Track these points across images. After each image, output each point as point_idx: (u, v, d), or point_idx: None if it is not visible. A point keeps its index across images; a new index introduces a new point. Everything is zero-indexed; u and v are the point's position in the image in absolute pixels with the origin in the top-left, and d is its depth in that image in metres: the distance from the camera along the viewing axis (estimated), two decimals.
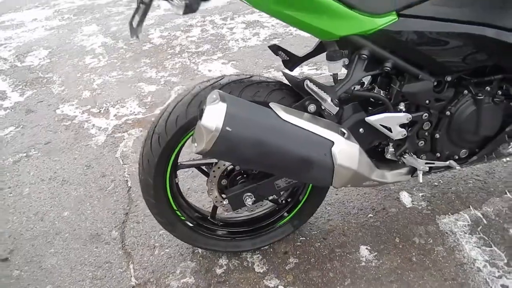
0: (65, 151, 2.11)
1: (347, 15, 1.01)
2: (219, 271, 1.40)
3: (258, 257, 1.43)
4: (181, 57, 2.95)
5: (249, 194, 1.20)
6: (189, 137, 1.19)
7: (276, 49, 1.31)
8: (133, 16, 1.11)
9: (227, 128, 0.91)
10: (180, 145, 1.19)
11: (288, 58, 1.33)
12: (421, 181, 1.21)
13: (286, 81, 1.22)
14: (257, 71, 2.62)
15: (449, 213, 1.49)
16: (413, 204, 1.55)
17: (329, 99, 1.07)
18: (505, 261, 1.31)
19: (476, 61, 1.13)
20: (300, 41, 2.96)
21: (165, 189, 1.25)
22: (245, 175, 1.24)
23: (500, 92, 1.20)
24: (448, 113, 1.20)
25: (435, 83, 1.16)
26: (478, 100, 1.19)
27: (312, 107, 1.10)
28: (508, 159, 1.68)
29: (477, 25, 1.06)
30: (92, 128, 2.27)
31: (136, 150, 2.03)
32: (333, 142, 1.03)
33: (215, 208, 1.38)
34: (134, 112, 2.37)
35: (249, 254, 1.44)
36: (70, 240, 1.59)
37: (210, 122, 0.91)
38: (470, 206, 1.51)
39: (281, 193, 1.28)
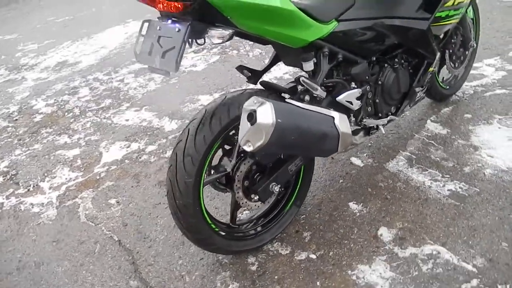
0: (15, 238, 1.90)
1: (314, 24, 1.36)
2: (253, 268, 1.56)
3: (278, 244, 1.64)
4: (86, 117, 2.89)
5: (274, 183, 1.44)
6: (214, 152, 1.36)
7: (241, 68, 1.59)
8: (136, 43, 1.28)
9: (279, 120, 1.15)
10: (208, 161, 1.35)
11: (250, 74, 1.62)
12: (383, 132, 1.65)
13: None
14: (174, 108, 2.79)
15: (390, 160, 1.97)
16: (364, 163, 1.99)
17: (319, 88, 1.40)
18: (441, 175, 1.83)
19: (388, 42, 1.62)
20: (194, 75, 3.24)
21: (201, 206, 1.38)
22: (259, 172, 1.47)
23: (403, 61, 1.73)
24: (380, 82, 1.67)
25: (367, 63, 1.62)
26: (395, 69, 1.69)
27: (307, 97, 1.41)
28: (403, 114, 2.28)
29: (386, 18, 1.55)
30: (33, 208, 2.09)
31: (101, 209, 1.99)
32: (333, 117, 1.36)
33: (233, 214, 1.55)
34: (71, 178, 2.27)
35: (269, 246, 1.64)
36: None
37: (266, 119, 1.13)
38: (400, 150, 2.02)
39: (293, 176, 1.55)
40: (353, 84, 1.59)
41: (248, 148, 1.19)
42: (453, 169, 1.85)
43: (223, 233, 1.49)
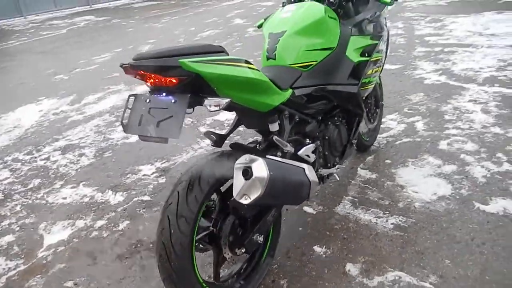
0: None
1: (278, 92, 1.60)
2: None
3: None
4: (13, 200, 2.66)
5: (257, 234, 1.54)
6: (203, 211, 1.43)
7: (209, 133, 1.74)
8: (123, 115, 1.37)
9: (271, 173, 1.30)
10: (199, 219, 1.41)
11: (215, 138, 1.77)
12: (338, 178, 1.89)
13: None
14: (116, 180, 2.74)
15: (337, 204, 2.22)
16: (316, 210, 2.20)
17: (289, 145, 1.60)
18: (382, 212, 2.12)
19: (329, 103, 1.93)
20: (129, 147, 3.23)
21: (194, 267, 1.41)
22: (240, 226, 1.57)
23: (341, 119, 2.06)
24: (327, 137, 1.95)
25: (316, 122, 1.89)
26: (336, 125, 1.99)
27: (279, 153, 1.60)
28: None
29: (326, 85, 1.86)
30: None
31: None
32: (303, 168, 1.55)
33: (217, 271, 1.60)
34: (10, 267, 2.04)
35: None
36: None
37: (261, 173, 1.27)
38: (343, 196, 2.29)
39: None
40: (307, 140, 1.84)
41: (245, 201, 1.31)
42: (390, 206, 2.16)
43: None
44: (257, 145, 1.79)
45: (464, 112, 3.18)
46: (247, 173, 1.30)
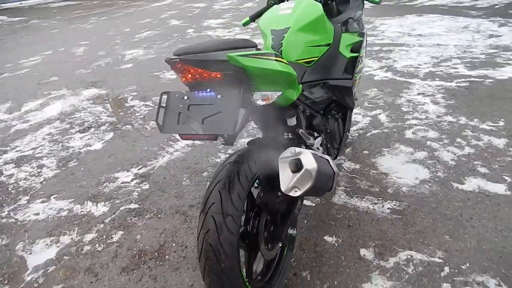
0: None
1: (297, 87, 1.63)
2: None
3: None
4: None
5: (290, 227, 1.56)
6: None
7: None
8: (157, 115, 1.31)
9: (318, 164, 1.32)
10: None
11: (226, 137, 1.76)
12: (346, 169, 1.96)
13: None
14: (93, 190, 2.54)
15: (333, 196, 2.31)
16: (314, 202, 2.27)
17: (311, 138, 1.64)
18: (376, 199, 2.26)
19: (329, 97, 2.01)
20: (96, 155, 3.02)
21: (240, 265, 1.38)
22: (273, 221, 1.57)
23: (337, 112, 2.15)
24: (328, 130, 2.02)
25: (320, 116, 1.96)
26: (335, 118, 2.08)
27: (303, 146, 1.63)
28: None
29: (326, 79, 1.94)
30: None
31: None
32: (328, 160, 1.60)
33: (251, 269, 1.58)
34: None
35: None
36: None
37: (311, 164, 1.29)
38: (335, 187, 2.39)
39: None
40: (315, 134, 1.89)
41: (295, 193, 1.31)
42: (381, 193, 2.31)
43: None
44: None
45: (417, 104, 3.49)
46: (296, 165, 1.31)
